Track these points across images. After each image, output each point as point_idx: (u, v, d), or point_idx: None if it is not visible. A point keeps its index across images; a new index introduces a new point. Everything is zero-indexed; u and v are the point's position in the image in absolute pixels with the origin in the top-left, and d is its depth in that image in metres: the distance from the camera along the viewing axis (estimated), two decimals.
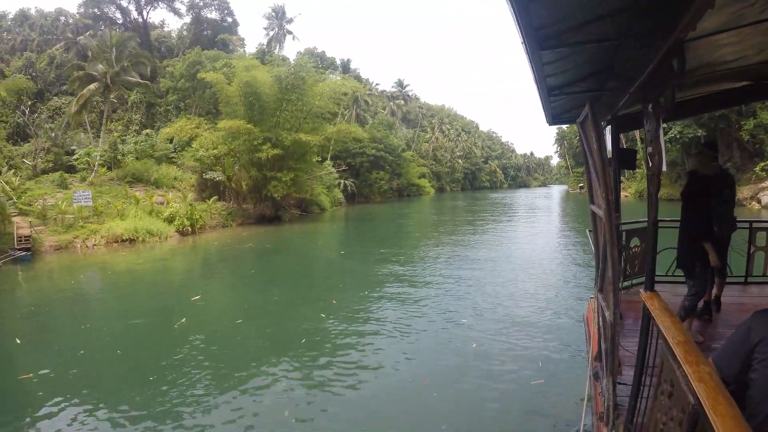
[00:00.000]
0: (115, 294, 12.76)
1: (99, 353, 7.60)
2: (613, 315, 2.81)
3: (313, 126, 30.98)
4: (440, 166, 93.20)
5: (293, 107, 29.73)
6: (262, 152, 27.02)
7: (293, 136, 28.23)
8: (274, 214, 29.78)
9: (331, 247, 20.72)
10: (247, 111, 28.53)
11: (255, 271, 15.04)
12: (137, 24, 48.35)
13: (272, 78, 28.84)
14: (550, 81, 3.31)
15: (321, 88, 30.44)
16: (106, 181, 28.60)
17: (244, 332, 8.72)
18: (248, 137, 27.34)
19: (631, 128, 4.54)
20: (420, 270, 13.91)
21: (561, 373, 6.25)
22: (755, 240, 5.79)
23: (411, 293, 11.05)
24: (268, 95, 28.57)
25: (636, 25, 2.41)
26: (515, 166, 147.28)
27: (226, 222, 26.74)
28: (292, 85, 28.82)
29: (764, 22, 2.30)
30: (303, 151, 30.27)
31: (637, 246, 5.80)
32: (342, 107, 57.06)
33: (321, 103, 30.51)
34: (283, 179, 28.21)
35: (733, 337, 1.86)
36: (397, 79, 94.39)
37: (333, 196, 44.12)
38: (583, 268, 12.84)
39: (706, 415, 1.49)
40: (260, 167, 28.96)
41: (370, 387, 6.07)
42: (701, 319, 4.89)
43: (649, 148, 2.61)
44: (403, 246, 19.98)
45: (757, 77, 3.90)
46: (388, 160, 57.72)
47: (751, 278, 5.91)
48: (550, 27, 2.30)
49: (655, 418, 2.19)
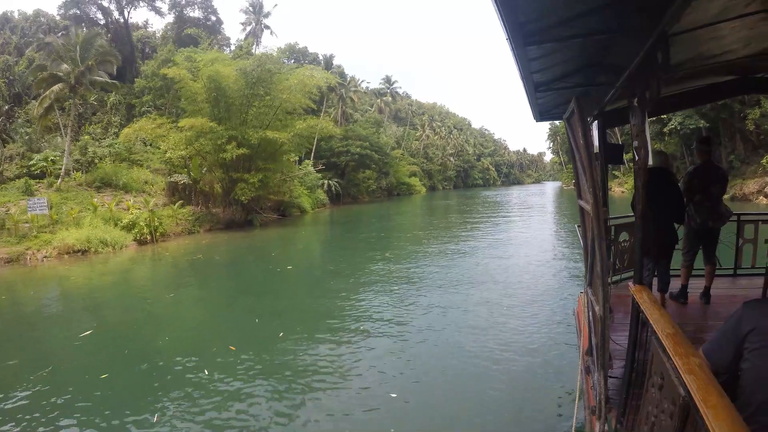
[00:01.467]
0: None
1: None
2: (603, 309, 2.81)
3: (285, 123, 28.96)
4: (432, 164, 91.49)
5: (261, 103, 27.66)
6: (226, 152, 24.86)
7: (260, 133, 26.10)
8: (244, 218, 27.49)
9: (288, 258, 17.91)
10: (212, 108, 26.52)
11: (173, 296, 11.90)
12: (119, 24, 47.47)
13: (237, 72, 26.54)
14: (536, 77, 3.31)
15: (290, 81, 28.24)
16: (75, 187, 26.83)
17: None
18: (212, 136, 25.25)
19: (617, 123, 4.57)
20: (384, 297, 10.45)
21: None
22: (743, 232, 5.88)
23: (359, 334, 7.95)
24: (233, 90, 26.55)
25: (621, 19, 2.41)
26: (508, 163, 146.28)
27: (193, 228, 24.64)
28: (258, 79, 26.63)
29: (749, 16, 2.32)
30: (272, 150, 28.13)
31: (626, 240, 5.85)
32: (327, 104, 55.71)
33: (291, 97, 28.10)
34: (251, 181, 26.04)
35: (723, 328, 1.86)
36: (384, 75, 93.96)
37: (316, 197, 41.85)
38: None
39: (697, 406, 1.49)
40: (226, 168, 26.99)
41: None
42: (677, 302, 4.99)
43: (635, 142, 2.62)
44: (371, 257, 16.27)
45: (744, 71, 3.94)
46: (375, 158, 55.35)
47: (740, 270, 6.00)
48: (535, 22, 2.30)
49: (646, 410, 2.20)
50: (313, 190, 42.15)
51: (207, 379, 6.29)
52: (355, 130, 55.57)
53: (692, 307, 4.98)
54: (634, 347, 2.67)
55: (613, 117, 4.42)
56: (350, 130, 55.21)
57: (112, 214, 22.01)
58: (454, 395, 5.69)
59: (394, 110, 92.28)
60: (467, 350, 7.02)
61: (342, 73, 63.14)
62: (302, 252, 20.14)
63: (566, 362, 6.33)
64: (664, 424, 1.89)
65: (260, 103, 27.59)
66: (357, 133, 54.85)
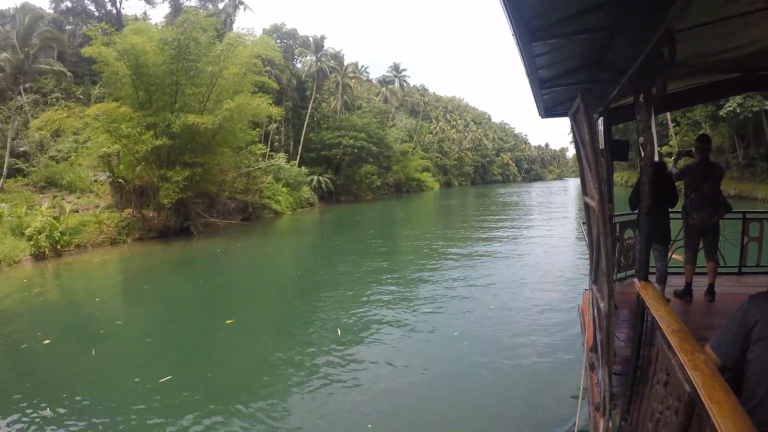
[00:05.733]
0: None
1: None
2: (608, 306, 2.81)
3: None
4: (447, 158, 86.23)
5: (192, 82, 22.55)
6: (143, 144, 20.38)
7: (181, 119, 20.73)
8: (179, 225, 23.03)
9: (195, 299, 11.81)
10: (135, 91, 21.70)
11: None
12: (112, 16, 46.62)
13: (156, 44, 21.60)
14: (541, 73, 3.30)
15: (217, 49, 23.14)
16: (20, 187, 24.03)
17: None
18: (129, 125, 20.71)
19: (623, 120, 4.57)
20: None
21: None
22: (748, 231, 5.87)
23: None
24: (157, 66, 21.53)
25: (627, 15, 2.41)
26: (529, 158, 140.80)
27: (119, 237, 20.63)
28: (181, 50, 21.53)
29: (754, 13, 2.30)
30: (205, 140, 23.02)
31: (631, 237, 5.84)
32: (323, 93, 50.85)
33: (225, 72, 22.93)
34: (174, 179, 21.10)
35: (729, 322, 1.88)
36: (392, 62, 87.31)
37: (299, 196, 37.04)
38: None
39: (702, 402, 1.49)
40: (149, 164, 22.56)
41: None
42: (682, 300, 5.00)
43: (641, 138, 2.61)
44: (307, 299, 11.27)
45: (748, 68, 3.92)
46: (373, 151, 48.65)
47: (745, 268, 5.99)
48: (541, 18, 2.29)
49: (651, 407, 2.20)
50: (297, 188, 37.41)
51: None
52: (350, 120, 49.85)
53: (697, 304, 4.98)
54: (639, 344, 2.67)
55: (618, 113, 4.41)
56: (345, 120, 49.92)
57: (20, 220, 18.21)
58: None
59: (408, 103, 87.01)
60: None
61: (337, 56, 55.64)
62: (219, 287, 12.94)
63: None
64: (669, 421, 1.89)
65: (191, 82, 22.61)
66: (352, 122, 48.66)
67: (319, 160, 46.09)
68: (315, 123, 48.08)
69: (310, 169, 42.05)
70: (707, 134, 4.98)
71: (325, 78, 50.81)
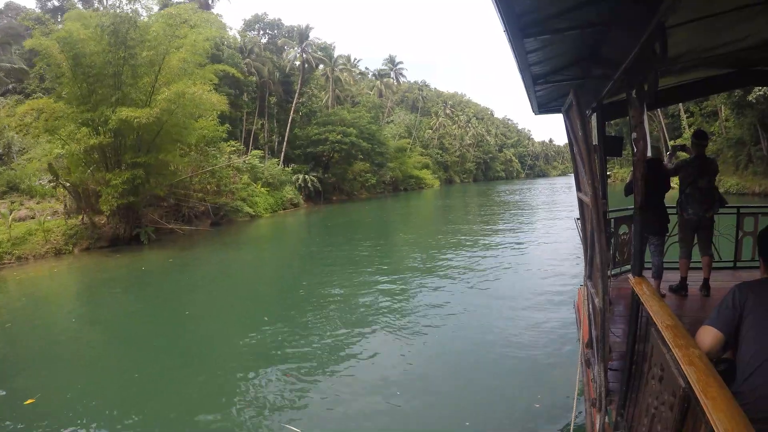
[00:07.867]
0: None
1: None
2: (603, 301, 2.81)
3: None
4: (448, 155, 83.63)
5: (134, 72, 20.16)
6: (78, 143, 18.40)
7: (117, 113, 18.35)
8: (130, 233, 20.71)
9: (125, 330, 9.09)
10: (75, 84, 19.50)
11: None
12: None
13: (92, 31, 19.29)
14: (534, 69, 3.30)
15: (153, 30, 20.21)
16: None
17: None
18: (63, 122, 18.97)
19: (616, 116, 4.58)
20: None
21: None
22: (743, 225, 5.90)
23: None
24: (96, 55, 19.20)
25: (618, 10, 2.40)
26: (533, 154, 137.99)
27: (65, 247, 18.64)
28: (116, 35, 19.04)
29: (748, 8, 2.30)
30: (150, 137, 20.72)
31: (626, 233, 5.86)
32: (312, 87, 48.54)
33: (179, 58, 20.69)
34: (113, 182, 18.83)
35: (720, 305, 2.04)
36: (388, 55, 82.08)
37: (281, 196, 34.41)
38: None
39: (696, 397, 1.49)
40: (86, 165, 20.40)
41: None
42: (677, 295, 5.03)
43: (633, 134, 2.61)
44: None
45: (742, 63, 3.92)
46: (364, 148, 45.43)
47: (740, 263, 6.04)
48: (532, 13, 2.29)
49: (646, 402, 2.20)
50: (279, 188, 34.73)
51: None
52: (338, 114, 46.56)
53: (692, 299, 5.00)
54: (634, 339, 2.67)
55: (611, 109, 4.42)
56: (333, 114, 46.64)
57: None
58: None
59: (408, 99, 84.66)
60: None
61: (326, 48, 52.38)
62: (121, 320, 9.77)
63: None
64: (665, 416, 1.89)
65: (133, 72, 20.26)
66: (341, 117, 45.60)
67: (305, 157, 43.58)
68: (303, 118, 45.80)
69: (296, 167, 39.87)
70: (703, 130, 4.99)
71: (313, 71, 48.40)
